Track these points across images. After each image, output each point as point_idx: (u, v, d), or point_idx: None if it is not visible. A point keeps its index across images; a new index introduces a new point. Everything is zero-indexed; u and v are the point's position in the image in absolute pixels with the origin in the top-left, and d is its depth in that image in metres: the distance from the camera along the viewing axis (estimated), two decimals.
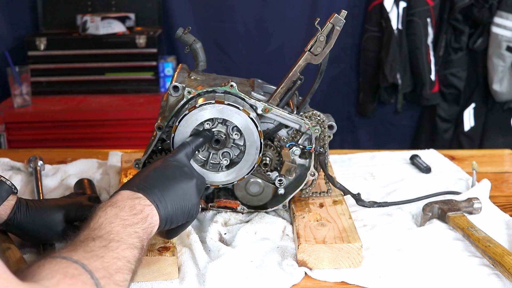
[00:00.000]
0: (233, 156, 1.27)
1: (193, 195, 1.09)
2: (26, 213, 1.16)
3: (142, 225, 0.97)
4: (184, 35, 1.31)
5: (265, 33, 3.41)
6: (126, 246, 0.91)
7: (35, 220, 1.16)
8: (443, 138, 3.43)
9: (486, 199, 1.44)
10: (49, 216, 1.18)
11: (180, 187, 1.07)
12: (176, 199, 1.05)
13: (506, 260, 1.11)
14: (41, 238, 1.18)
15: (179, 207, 1.05)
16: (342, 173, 1.61)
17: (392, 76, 3.23)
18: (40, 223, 1.16)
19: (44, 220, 1.17)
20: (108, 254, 0.87)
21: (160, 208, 1.01)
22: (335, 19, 1.24)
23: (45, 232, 1.17)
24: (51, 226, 1.17)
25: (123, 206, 0.98)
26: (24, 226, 1.15)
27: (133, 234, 0.94)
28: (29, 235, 1.17)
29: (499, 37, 3.10)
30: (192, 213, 1.09)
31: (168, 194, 1.04)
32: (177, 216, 1.05)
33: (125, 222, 0.95)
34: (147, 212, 0.99)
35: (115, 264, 0.87)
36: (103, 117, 2.99)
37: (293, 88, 1.29)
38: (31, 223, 1.16)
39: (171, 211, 1.03)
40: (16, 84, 2.95)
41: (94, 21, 3.19)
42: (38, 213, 1.17)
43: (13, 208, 1.15)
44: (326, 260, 1.15)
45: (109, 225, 0.93)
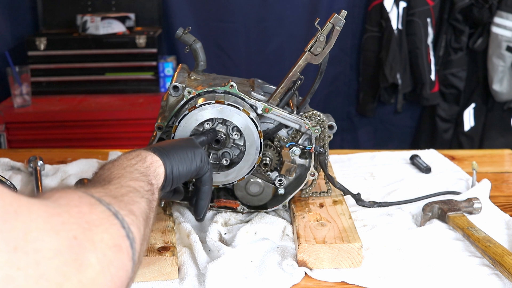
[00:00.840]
0: (233, 156, 1.27)
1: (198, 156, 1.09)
2: None
3: (142, 164, 0.96)
4: (184, 35, 1.31)
5: (265, 33, 3.41)
6: (128, 179, 0.88)
7: None
8: (443, 138, 3.43)
9: (486, 199, 1.44)
10: None
11: (185, 147, 1.08)
12: (183, 159, 1.05)
13: (506, 260, 1.11)
14: None
15: (187, 166, 1.06)
16: (342, 173, 1.61)
17: (392, 76, 3.23)
18: None
19: None
20: (110, 186, 0.83)
21: (165, 164, 1.01)
22: (335, 19, 1.24)
23: None
24: None
25: (130, 156, 0.97)
26: None
27: (134, 171, 0.92)
28: None
29: (499, 37, 3.10)
30: (199, 166, 1.09)
31: (174, 154, 1.04)
32: (185, 172, 1.06)
33: (122, 165, 0.93)
34: (150, 161, 0.98)
35: (119, 191, 0.83)
36: (103, 117, 2.99)
37: (293, 88, 1.29)
38: None
39: (177, 168, 1.04)
40: (16, 84, 2.95)
41: (94, 21, 3.19)
42: None
43: None
44: (326, 260, 1.15)
45: (108, 170, 0.91)
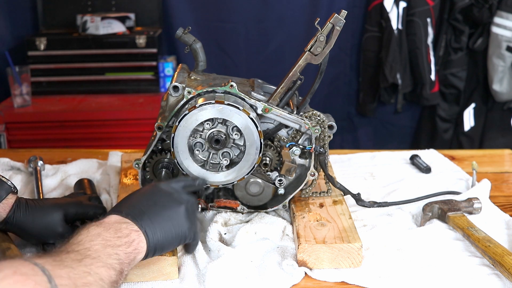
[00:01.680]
0: (233, 156, 1.27)
1: (183, 220, 1.05)
2: (25, 212, 1.16)
3: (126, 249, 0.93)
4: (184, 35, 1.31)
5: (265, 33, 3.41)
6: (102, 264, 0.86)
7: (35, 219, 1.16)
8: (443, 138, 3.43)
9: (486, 199, 1.44)
10: (49, 215, 1.18)
11: (169, 213, 1.03)
12: (166, 226, 1.01)
13: (506, 260, 1.11)
14: (41, 237, 1.18)
15: (170, 233, 1.02)
16: (342, 173, 1.61)
17: (392, 76, 3.23)
18: (39, 222, 1.16)
19: (44, 219, 1.17)
20: (79, 268, 0.82)
21: (149, 235, 0.98)
22: (335, 19, 1.24)
23: (44, 231, 1.17)
24: (50, 225, 1.17)
25: (109, 227, 0.94)
26: (24, 225, 1.15)
27: (113, 255, 0.89)
28: (29, 234, 1.17)
29: (499, 37, 3.10)
30: (184, 237, 1.05)
31: (157, 221, 1.00)
32: (168, 242, 1.02)
33: (107, 243, 0.90)
34: (134, 237, 0.95)
35: (85, 278, 0.82)
36: (103, 117, 2.99)
37: (293, 88, 1.29)
38: (30, 222, 1.16)
39: (160, 238, 1.00)
40: (16, 84, 2.95)
41: (94, 21, 3.19)
42: (37, 212, 1.17)
43: (13, 207, 1.15)
44: (326, 260, 1.15)
45: (88, 242, 0.89)
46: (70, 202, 1.23)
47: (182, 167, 1.25)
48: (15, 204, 1.15)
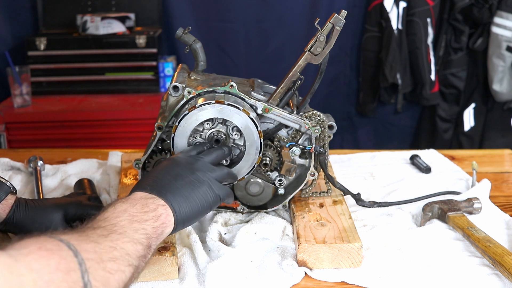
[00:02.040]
0: (233, 156, 1.27)
1: (205, 189, 1.06)
2: (25, 212, 1.16)
3: (153, 223, 0.93)
4: (184, 35, 1.31)
5: (265, 33, 3.41)
6: (128, 239, 0.87)
7: (35, 219, 1.16)
8: (443, 138, 3.43)
9: (486, 199, 1.44)
10: (49, 215, 1.18)
11: (192, 184, 1.05)
12: (191, 197, 1.02)
13: (506, 260, 1.11)
14: None
15: (195, 205, 1.03)
16: (342, 173, 1.61)
17: (392, 76, 3.23)
18: (39, 222, 1.16)
19: (44, 219, 1.17)
20: (105, 243, 0.83)
21: (175, 208, 0.99)
22: (335, 19, 1.24)
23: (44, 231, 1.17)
24: (50, 225, 1.17)
25: (135, 203, 0.95)
26: (24, 225, 1.15)
27: (140, 230, 0.90)
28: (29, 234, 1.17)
29: (499, 37, 3.10)
30: (209, 205, 1.06)
31: (182, 194, 1.01)
32: (195, 213, 1.03)
33: (134, 218, 0.91)
34: (161, 212, 0.96)
35: (111, 252, 0.82)
36: (103, 117, 2.99)
37: (293, 88, 1.29)
38: (30, 222, 1.16)
39: (187, 210, 1.01)
40: (16, 84, 2.95)
41: (94, 21, 3.19)
42: (37, 212, 1.17)
43: (12, 207, 1.15)
44: (326, 260, 1.15)
45: (115, 218, 0.89)
46: (70, 202, 1.23)
47: None
48: (15, 205, 1.15)
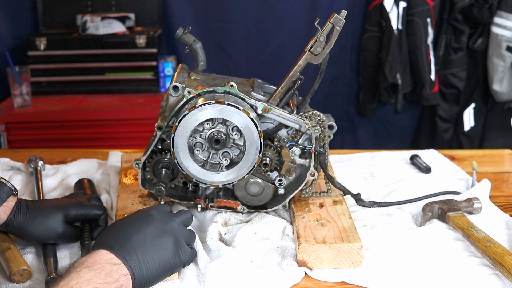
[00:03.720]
0: (233, 156, 1.27)
1: (170, 256, 1.06)
2: (26, 213, 1.16)
3: None
4: (184, 35, 1.31)
5: (265, 33, 3.41)
6: None
7: (35, 221, 1.16)
8: (443, 138, 3.43)
9: (486, 199, 1.44)
10: (49, 216, 1.18)
11: (158, 249, 1.04)
12: (153, 263, 1.03)
13: (506, 260, 1.11)
14: (41, 238, 1.18)
15: (156, 271, 1.03)
16: (342, 173, 1.61)
17: (392, 76, 3.23)
18: (40, 224, 1.16)
19: (44, 221, 1.17)
20: None
21: (136, 276, 1.00)
22: (335, 19, 1.24)
23: (45, 233, 1.17)
24: (51, 226, 1.17)
25: (100, 271, 0.96)
26: (24, 226, 1.16)
27: None
28: (29, 235, 1.17)
29: (499, 37, 3.10)
30: (171, 270, 1.07)
31: (146, 259, 1.02)
32: (153, 278, 1.03)
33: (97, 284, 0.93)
34: (122, 283, 0.97)
35: None
36: (103, 117, 2.99)
37: (293, 88, 1.29)
38: (31, 224, 1.16)
39: (146, 276, 1.01)
40: (16, 84, 2.95)
41: (94, 21, 3.19)
42: (38, 214, 1.17)
43: (13, 209, 1.15)
44: (326, 260, 1.15)
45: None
46: (70, 203, 1.23)
47: (182, 167, 1.25)
48: (16, 206, 1.15)
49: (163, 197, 1.30)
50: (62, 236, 1.18)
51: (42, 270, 1.14)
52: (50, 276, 1.08)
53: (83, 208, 1.23)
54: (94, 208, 1.25)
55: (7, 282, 1.10)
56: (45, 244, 1.19)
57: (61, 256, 1.19)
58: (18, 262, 1.11)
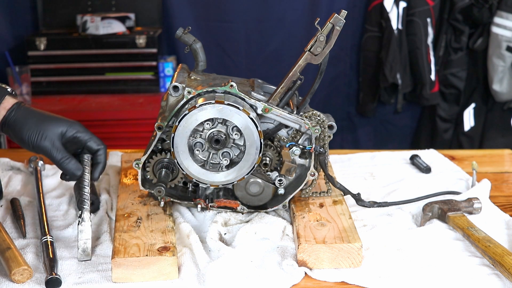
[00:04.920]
0: (233, 156, 1.27)
1: None
2: (25, 113, 1.15)
3: None
4: (184, 35, 1.31)
5: (265, 33, 3.41)
6: None
7: (31, 121, 1.14)
8: (443, 138, 3.43)
9: (486, 199, 1.44)
10: (48, 122, 1.17)
11: None
12: None
13: (506, 260, 1.11)
14: (33, 143, 1.15)
15: None
16: (342, 173, 1.61)
17: (392, 76, 3.23)
18: (36, 126, 1.14)
19: (41, 124, 1.15)
20: None
21: None
22: (335, 19, 1.24)
23: (38, 138, 1.14)
24: (46, 133, 1.15)
25: None
26: (19, 124, 1.14)
27: None
28: (23, 136, 1.14)
29: (499, 37, 3.10)
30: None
31: None
32: None
33: None
34: None
35: None
36: (103, 117, 2.98)
37: (293, 88, 1.29)
38: (25, 123, 1.14)
39: None
40: (16, 84, 2.95)
41: (94, 21, 3.19)
42: (37, 117, 1.16)
43: (12, 106, 1.15)
44: (326, 260, 1.15)
45: None
46: (73, 122, 1.20)
47: (182, 167, 1.25)
48: (16, 105, 1.15)
49: (163, 197, 1.30)
50: (52, 148, 1.15)
51: (42, 270, 1.14)
52: (50, 276, 1.08)
53: (84, 132, 1.20)
54: (95, 139, 1.22)
55: (7, 281, 1.10)
56: (45, 243, 1.18)
57: (61, 256, 1.19)
58: (18, 262, 1.11)
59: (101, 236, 1.27)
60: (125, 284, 1.11)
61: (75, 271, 1.14)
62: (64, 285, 1.09)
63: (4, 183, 1.51)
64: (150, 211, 1.30)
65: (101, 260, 1.19)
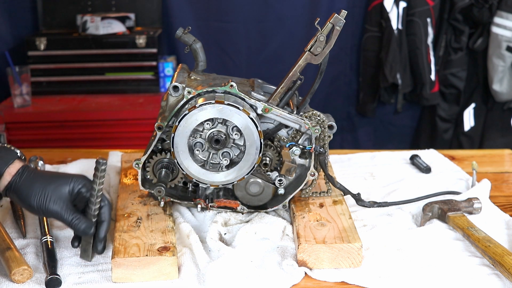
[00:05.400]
0: (233, 156, 1.27)
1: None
2: (30, 176, 1.13)
3: None
4: (184, 35, 1.31)
5: (265, 33, 3.41)
6: None
7: (36, 184, 1.13)
8: (443, 138, 3.43)
9: (486, 199, 1.44)
10: (53, 182, 1.14)
11: None
12: None
13: (506, 260, 1.11)
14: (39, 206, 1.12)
15: None
16: (342, 173, 1.61)
17: (392, 76, 3.23)
18: (40, 188, 1.12)
19: (47, 186, 1.13)
20: None
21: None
22: (335, 19, 1.24)
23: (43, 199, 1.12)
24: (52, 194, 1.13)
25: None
26: (24, 188, 1.12)
27: None
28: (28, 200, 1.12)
29: (499, 37, 3.10)
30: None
31: None
32: None
33: None
34: None
35: None
36: (103, 117, 2.98)
37: (293, 88, 1.29)
38: (31, 187, 1.12)
39: None
40: (16, 84, 2.95)
41: (94, 21, 3.19)
42: (42, 178, 1.14)
43: (18, 171, 1.13)
44: (326, 260, 1.15)
45: None
46: (76, 176, 1.17)
47: (182, 167, 1.26)
48: (21, 169, 1.14)
49: (163, 197, 1.30)
50: (61, 211, 1.13)
51: (42, 270, 1.14)
52: (50, 276, 1.08)
53: (87, 186, 1.16)
54: None
55: (7, 281, 1.10)
56: (45, 243, 1.18)
57: (61, 256, 1.19)
58: (18, 262, 1.11)
59: None
60: (125, 284, 1.11)
61: (75, 271, 1.14)
62: (64, 285, 1.09)
63: None
64: (150, 211, 1.30)
65: (101, 260, 1.19)
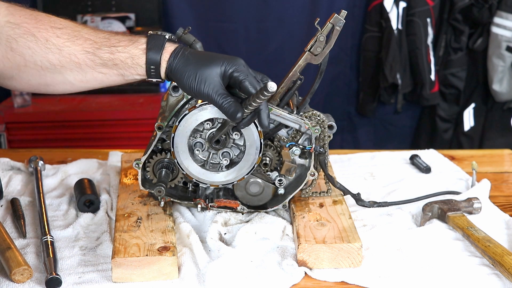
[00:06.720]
0: (233, 156, 1.27)
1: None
2: (183, 61, 1.14)
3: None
4: (184, 35, 1.31)
5: (265, 33, 3.41)
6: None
7: (189, 71, 1.13)
8: (443, 138, 3.43)
9: (486, 199, 1.44)
10: (205, 70, 1.14)
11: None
12: None
13: (506, 260, 1.11)
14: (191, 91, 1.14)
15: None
16: (342, 173, 1.61)
17: (392, 76, 3.23)
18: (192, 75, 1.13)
19: (197, 73, 1.13)
20: None
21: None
22: (335, 19, 1.24)
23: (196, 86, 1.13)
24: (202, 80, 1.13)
25: None
26: (178, 75, 1.14)
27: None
28: (181, 85, 1.16)
29: (499, 37, 3.10)
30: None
31: None
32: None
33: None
34: None
35: None
36: (103, 117, 2.98)
37: (293, 88, 1.29)
38: (182, 71, 1.14)
39: None
40: None
41: (94, 21, 3.19)
42: (193, 64, 1.14)
43: (173, 52, 1.15)
44: (326, 260, 1.15)
45: None
46: (230, 59, 1.18)
47: (182, 167, 1.26)
48: (176, 50, 1.16)
49: (163, 197, 1.30)
50: (212, 93, 1.12)
51: (42, 270, 1.14)
52: (50, 276, 1.08)
53: (241, 71, 1.14)
54: (250, 80, 1.16)
55: (7, 281, 1.10)
56: (45, 243, 1.19)
57: (61, 256, 1.19)
58: (18, 261, 1.11)
59: (101, 236, 1.27)
60: (125, 284, 1.11)
61: (75, 271, 1.14)
62: (64, 285, 1.09)
63: (4, 183, 1.51)
64: (150, 211, 1.30)
65: (101, 260, 1.19)
